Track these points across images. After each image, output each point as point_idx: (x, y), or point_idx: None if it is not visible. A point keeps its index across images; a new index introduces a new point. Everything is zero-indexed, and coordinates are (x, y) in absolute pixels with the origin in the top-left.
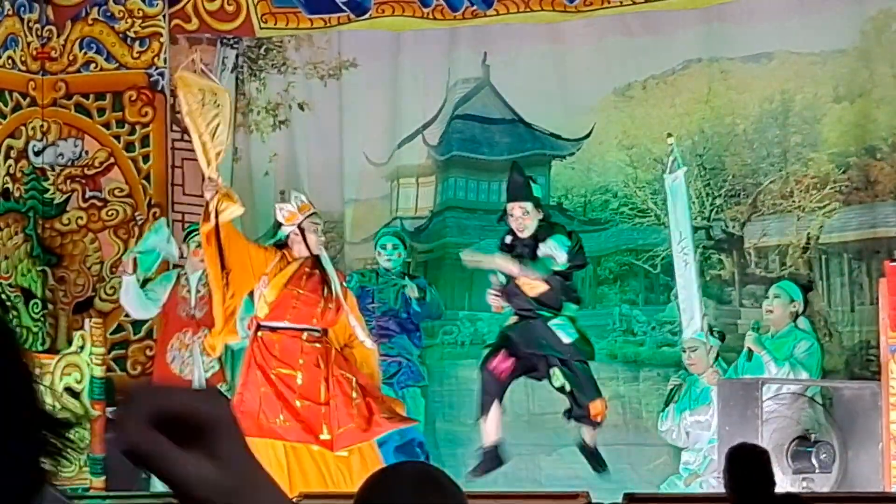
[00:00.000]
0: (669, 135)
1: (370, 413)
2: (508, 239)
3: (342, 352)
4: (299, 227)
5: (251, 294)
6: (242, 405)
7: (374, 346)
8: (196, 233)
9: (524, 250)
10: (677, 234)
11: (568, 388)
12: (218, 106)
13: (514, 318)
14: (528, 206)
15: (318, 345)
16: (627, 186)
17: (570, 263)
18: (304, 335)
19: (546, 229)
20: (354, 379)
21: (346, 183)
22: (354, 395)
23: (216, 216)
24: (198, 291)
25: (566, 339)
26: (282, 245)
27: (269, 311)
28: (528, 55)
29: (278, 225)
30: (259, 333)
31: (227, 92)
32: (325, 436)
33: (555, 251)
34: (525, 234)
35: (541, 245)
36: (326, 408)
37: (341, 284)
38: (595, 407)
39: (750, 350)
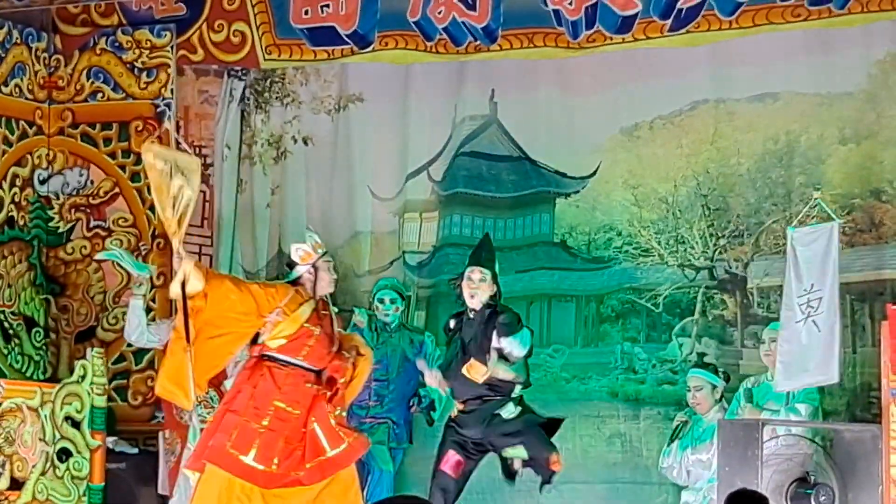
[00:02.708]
0: (817, 188)
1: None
2: (452, 323)
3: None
4: (314, 265)
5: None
6: (229, 433)
7: None
8: None
9: (469, 331)
10: (800, 286)
11: (526, 456)
12: (183, 175)
13: (459, 406)
14: (488, 274)
15: (315, 386)
16: (632, 225)
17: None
18: (310, 376)
19: (507, 320)
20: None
21: (353, 217)
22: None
23: (183, 289)
24: None
25: (508, 417)
26: (294, 283)
27: (285, 344)
28: (536, 94)
29: (291, 264)
30: (266, 363)
31: (197, 161)
32: (298, 473)
33: (516, 349)
34: (474, 304)
35: (503, 341)
36: (300, 446)
37: (340, 330)
38: (553, 457)
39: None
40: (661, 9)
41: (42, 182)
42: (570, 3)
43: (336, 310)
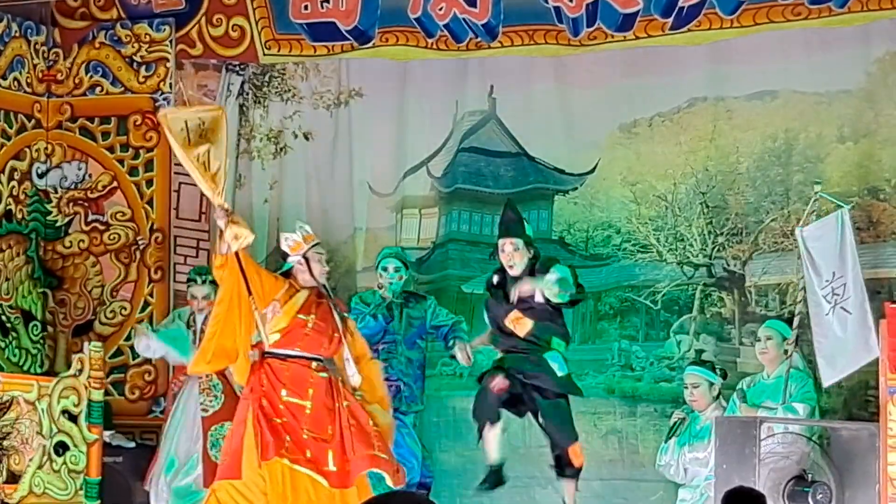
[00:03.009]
0: (817, 182)
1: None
2: (496, 279)
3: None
4: (304, 256)
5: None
6: (240, 437)
7: (359, 381)
8: (198, 278)
9: (513, 287)
10: (820, 279)
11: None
12: (204, 132)
13: (501, 355)
14: (519, 242)
15: (324, 374)
16: (630, 222)
17: (572, 298)
18: (313, 364)
19: (543, 262)
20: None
21: (352, 213)
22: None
23: (234, 245)
24: (202, 331)
25: (559, 372)
26: (287, 274)
27: (280, 339)
28: (535, 90)
29: (283, 255)
30: (267, 360)
31: (221, 109)
32: (330, 467)
33: (555, 275)
34: (514, 272)
35: (545, 279)
36: (331, 440)
37: (343, 314)
38: (575, 451)
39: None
40: (663, 7)
41: (40, 176)
42: (571, 1)
43: (332, 298)
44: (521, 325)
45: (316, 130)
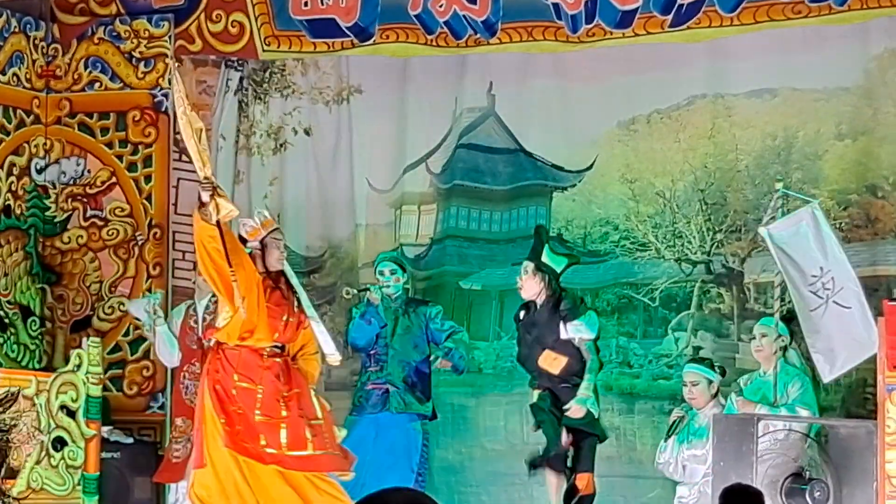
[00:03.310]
0: (779, 180)
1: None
2: (522, 313)
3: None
4: (261, 242)
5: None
6: (200, 426)
7: (338, 360)
8: None
9: (537, 322)
10: (805, 276)
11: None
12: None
13: (536, 392)
14: (530, 266)
15: (278, 359)
16: (629, 220)
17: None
18: (266, 349)
19: (570, 308)
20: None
21: (352, 209)
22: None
23: (216, 216)
24: (204, 320)
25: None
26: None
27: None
28: (534, 87)
29: (242, 240)
30: (220, 346)
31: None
32: (284, 450)
33: (584, 332)
34: (522, 294)
35: (569, 326)
36: (286, 424)
37: (300, 302)
38: (581, 479)
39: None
40: (662, 4)
41: (39, 171)
42: None
43: (297, 282)
44: (555, 364)
45: (316, 127)
